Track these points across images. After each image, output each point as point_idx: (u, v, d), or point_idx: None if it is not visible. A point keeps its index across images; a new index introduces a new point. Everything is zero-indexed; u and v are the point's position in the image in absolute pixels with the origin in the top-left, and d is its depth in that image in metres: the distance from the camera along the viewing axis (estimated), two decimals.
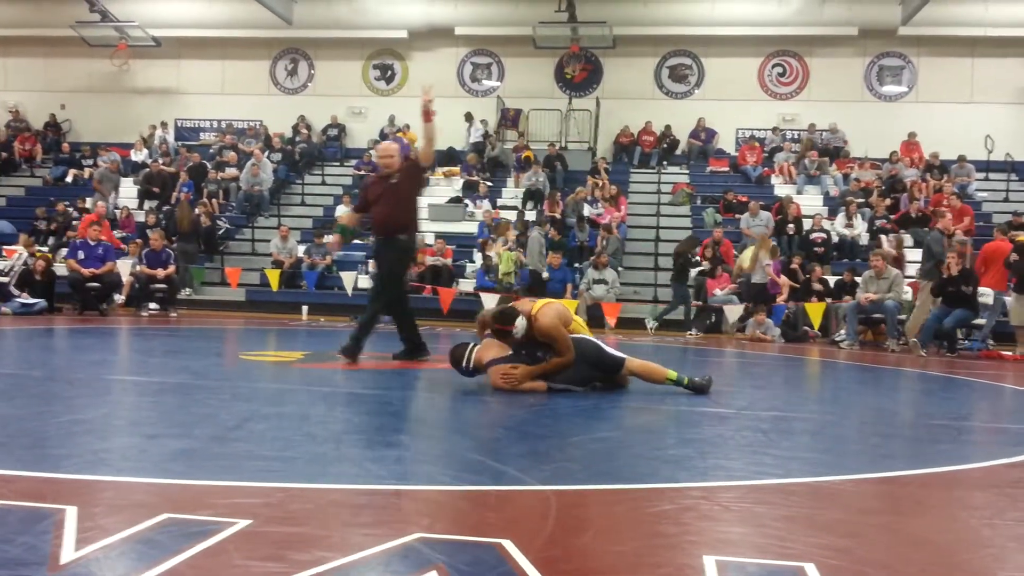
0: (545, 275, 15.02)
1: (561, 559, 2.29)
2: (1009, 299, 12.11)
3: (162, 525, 2.39)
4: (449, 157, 20.46)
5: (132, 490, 2.86)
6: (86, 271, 12.89)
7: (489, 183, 19.33)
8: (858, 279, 13.11)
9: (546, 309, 5.62)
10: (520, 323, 5.54)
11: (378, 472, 3.25)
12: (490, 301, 14.16)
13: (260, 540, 2.31)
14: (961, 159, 19.02)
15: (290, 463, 3.32)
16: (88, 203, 18.38)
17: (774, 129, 20.81)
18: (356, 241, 17.37)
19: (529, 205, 18.32)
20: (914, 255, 16.04)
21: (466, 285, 15.81)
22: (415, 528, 2.45)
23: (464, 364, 5.72)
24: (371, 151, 20.46)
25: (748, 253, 14.07)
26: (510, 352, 5.63)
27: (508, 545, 2.32)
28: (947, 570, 2.35)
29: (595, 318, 13.38)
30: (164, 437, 3.78)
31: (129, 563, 2.13)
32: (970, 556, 2.49)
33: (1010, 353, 11.41)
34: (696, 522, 2.73)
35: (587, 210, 17.44)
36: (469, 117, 21.06)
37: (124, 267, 14.15)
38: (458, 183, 19.64)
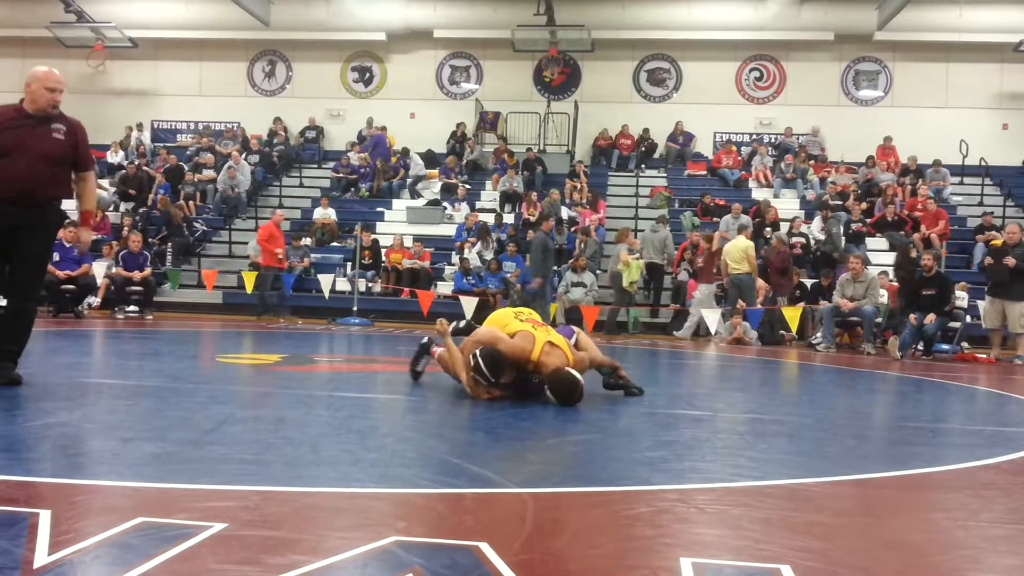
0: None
1: (538, 562, 2.29)
2: (983, 303, 12.26)
3: (137, 529, 2.37)
4: (428, 160, 20.44)
5: (106, 494, 2.83)
6: (61, 273, 12.76)
7: (467, 186, 19.32)
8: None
9: (554, 354, 5.31)
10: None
11: (355, 475, 3.24)
12: (469, 304, 14.18)
13: (235, 544, 2.29)
14: (936, 163, 19.22)
15: (266, 466, 3.30)
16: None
17: (753, 139, 20.89)
18: (334, 244, 17.38)
19: (507, 208, 18.34)
20: (889, 258, 16.23)
21: (444, 288, 15.80)
22: (392, 531, 2.44)
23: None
24: (349, 153, 20.44)
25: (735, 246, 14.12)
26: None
27: (485, 548, 2.32)
28: (921, 572, 2.37)
29: (573, 321, 13.40)
30: (139, 440, 3.75)
31: (103, 567, 2.11)
32: (944, 558, 2.52)
33: (984, 356, 11.54)
34: (672, 524, 2.74)
35: (565, 213, 17.49)
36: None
37: (99, 269, 14.02)
38: (436, 186, 19.63)
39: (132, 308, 13.57)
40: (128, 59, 22.21)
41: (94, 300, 13.89)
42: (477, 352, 5.25)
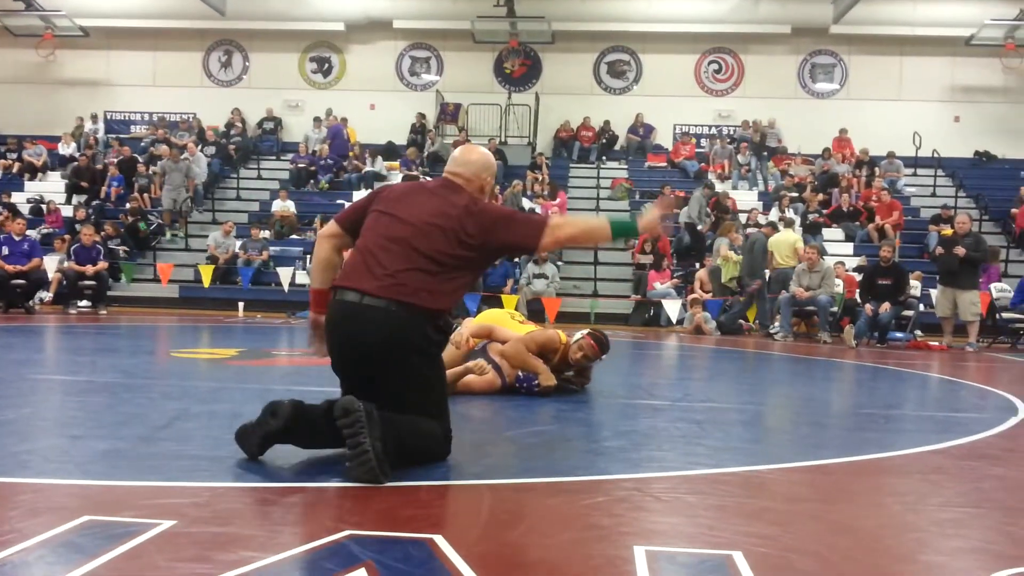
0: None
1: (493, 553, 2.28)
2: (935, 291, 12.47)
3: (82, 527, 2.32)
4: (388, 151, 20.32)
5: (52, 492, 2.77)
6: (10, 267, 12.49)
7: (428, 178, 19.20)
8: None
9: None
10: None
11: (309, 469, 3.20)
12: None
13: (184, 541, 2.26)
14: (890, 155, 19.50)
15: (219, 462, 3.25)
16: (15, 197, 17.89)
17: (711, 137, 20.98)
18: (294, 237, 17.22)
19: None
20: (845, 248, 16.44)
21: None
22: (345, 525, 2.42)
23: None
24: (307, 134, 20.24)
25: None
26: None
27: (439, 540, 2.31)
28: (871, 555, 2.40)
29: (535, 312, 13.42)
30: (89, 438, 3.68)
31: (46, 567, 2.06)
32: (894, 541, 2.55)
33: (936, 343, 11.74)
34: (628, 513, 2.75)
35: (526, 204, 17.48)
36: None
37: (51, 263, 13.76)
38: (397, 177, 19.49)
39: (85, 303, 13.33)
40: (79, 48, 21.80)
41: (46, 295, 13.63)
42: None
